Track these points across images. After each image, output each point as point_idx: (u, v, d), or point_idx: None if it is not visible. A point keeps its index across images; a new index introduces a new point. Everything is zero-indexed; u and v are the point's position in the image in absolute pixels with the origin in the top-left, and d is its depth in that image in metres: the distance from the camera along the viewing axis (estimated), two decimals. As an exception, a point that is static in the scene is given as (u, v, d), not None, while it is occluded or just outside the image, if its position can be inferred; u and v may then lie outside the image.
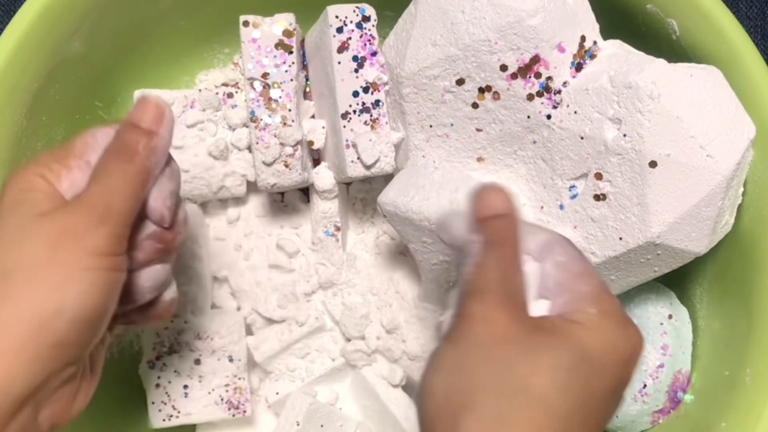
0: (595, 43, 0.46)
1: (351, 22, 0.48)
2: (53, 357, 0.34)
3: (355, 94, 0.48)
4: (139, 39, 0.55)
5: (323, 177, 0.52)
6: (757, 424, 0.45)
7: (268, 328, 0.54)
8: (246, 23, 0.49)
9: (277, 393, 0.54)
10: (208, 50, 0.60)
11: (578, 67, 0.45)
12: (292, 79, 0.50)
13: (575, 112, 0.45)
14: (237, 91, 0.54)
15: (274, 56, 0.50)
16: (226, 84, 0.59)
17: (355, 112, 0.48)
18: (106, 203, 0.35)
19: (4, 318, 0.33)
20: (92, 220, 0.34)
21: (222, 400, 0.52)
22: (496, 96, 0.46)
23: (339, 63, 0.48)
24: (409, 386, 0.55)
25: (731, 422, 0.46)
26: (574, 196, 0.46)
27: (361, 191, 0.56)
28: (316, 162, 0.53)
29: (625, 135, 0.43)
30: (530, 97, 0.46)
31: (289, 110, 0.50)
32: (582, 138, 0.45)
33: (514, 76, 0.45)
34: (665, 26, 0.49)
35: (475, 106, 0.47)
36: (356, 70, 0.48)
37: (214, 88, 0.58)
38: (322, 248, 0.54)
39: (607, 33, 0.46)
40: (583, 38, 0.45)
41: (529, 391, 0.29)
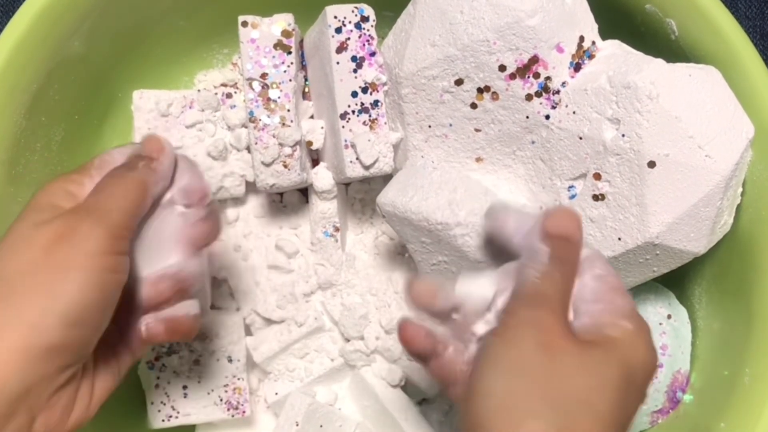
0: (593, 43, 0.46)
1: (350, 22, 0.48)
2: (46, 359, 0.34)
3: (354, 94, 0.48)
4: (138, 39, 0.55)
5: (322, 177, 0.52)
6: (756, 425, 0.45)
7: (267, 328, 0.54)
8: (245, 23, 0.49)
9: (277, 393, 0.54)
10: (207, 50, 0.60)
11: (577, 68, 0.45)
12: (290, 80, 0.50)
13: (574, 113, 0.45)
14: (236, 92, 0.54)
15: (273, 56, 0.50)
16: (225, 84, 0.59)
17: (353, 112, 0.48)
18: (103, 207, 0.37)
19: (0, 321, 0.33)
20: (88, 222, 0.36)
21: (221, 400, 0.52)
22: (495, 96, 0.46)
23: (338, 63, 0.48)
24: (407, 386, 0.55)
25: (730, 422, 0.46)
26: (572, 197, 0.46)
27: (360, 191, 0.56)
28: (315, 162, 0.53)
29: (623, 135, 0.43)
30: (529, 97, 0.45)
31: (288, 110, 0.50)
32: (581, 138, 0.45)
33: (512, 76, 0.45)
34: (664, 26, 0.49)
35: (473, 106, 0.47)
36: (355, 71, 0.48)
37: (213, 89, 0.58)
38: (321, 249, 0.54)
39: (605, 33, 0.46)
40: (581, 38, 0.45)
41: (590, 407, 0.31)
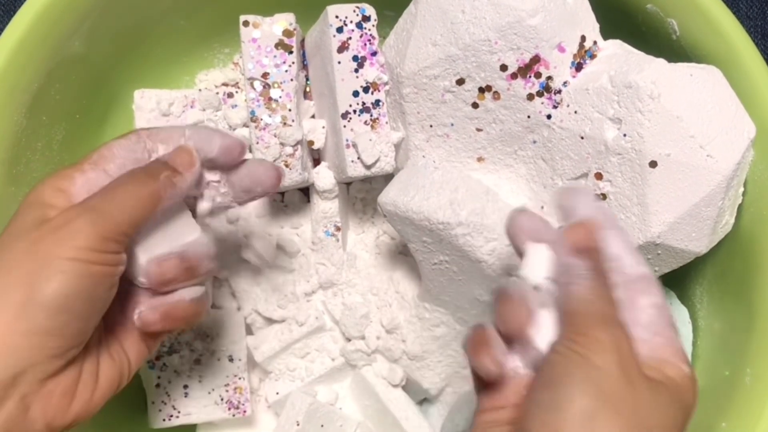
0: (595, 42, 0.46)
1: (351, 21, 0.48)
2: (29, 345, 0.34)
3: (355, 93, 0.48)
4: (139, 39, 0.55)
5: (323, 177, 0.52)
6: (757, 424, 0.45)
7: (268, 328, 0.54)
8: (246, 23, 0.49)
9: (277, 393, 0.54)
10: (208, 50, 0.60)
11: (578, 67, 0.45)
12: (292, 79, 0.50)
13: (575, 112, 0.45)
14: (237, 91, 0.54)
15: (274, 56, 0.50)
16: (226, 84, 0.59)
17: (355, 111, 0.48)
18: (105, 209, 0.36)
19: None
20: (82, 219, 0.35)
21: (222, 399, 0.52)
22: (497, 96, 0.46)
23: (339, 63, 0.48)
24: (408, 386, 0.55)
25: (731, 422, 0.46)
26: (574, 196, 0.46)
27: (361, 191, 0.56)
28: (317, 162, 0.53)
29: (625, 135, 0.43)
30: (530, 96, 0.45)
31: (289, 110, 0.50)
32: (582, 138, 0.45)
33: (514, 75, 0.45)
34: (665, 26, 0.49)
35: (475, 105, 0.47)
36: (356, 70, 0.48)
37: (214, 88, 0.58)
38: (322, 248, 0.54)
39: (607, 33, 0.46)
40: (583, 38, 0.45)
41: None
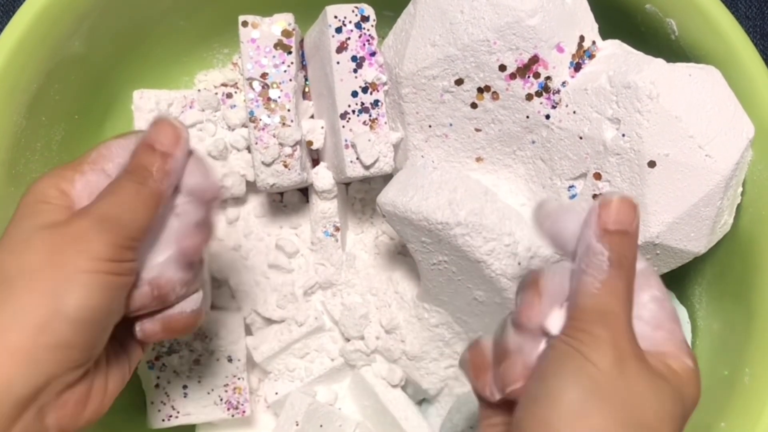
0: (593, 42, 0.46)
1: (350, 22, 0.48)
2: (53, 359, 0.34)
3: (354, 94, 0.48)
4: (138, 39, 0.55)
5: (322, 177, 0.52)
6: (756, 424, 0.45)
7: (268, 328, 0.54)
8: (245, 23, 0.49)
9: (277, 393, 0.54)
10: (207, 50, 0.60)
11: (577, 67, 0.45)
12: (291, 79, 0.50)
13: (574, 112, 0.45)
14: (236, 92, 0.54)
15: (273, 56, 0.50)
16: (225, 84, 0.59)
17: (354, 112, 0.48)
18: (114, 217, 0.35)
19: (3, 322, 0.33)
20: (95, 229, 0.35)
21: (221, 400, 0.52)
22: (495, 96, 0.46)
23: (338, 63, 0.48)
24: (408, 386, 0.55)
25: (730, 422, 0.46)
26: (573, 196, 0.46)
27: (360, 191, 0.56)
28: (315, 162, 0.53)
29: (623, 135, 0.43)
30: (529, 97, 0.45)
31: (288, 110, 0.50)
32: (581, 138, 0.45)
33: (512, 76, 0.45)
34: (664, 26, 0.49)
35: (474, 106, 0.47)
36: (355, 70, 0.48)
37: (213, 89, 0.58)
38: (322, 248, 0.54)
39: (606, 33, 0.46)
40: (581, 38, 0.45)
41: None
